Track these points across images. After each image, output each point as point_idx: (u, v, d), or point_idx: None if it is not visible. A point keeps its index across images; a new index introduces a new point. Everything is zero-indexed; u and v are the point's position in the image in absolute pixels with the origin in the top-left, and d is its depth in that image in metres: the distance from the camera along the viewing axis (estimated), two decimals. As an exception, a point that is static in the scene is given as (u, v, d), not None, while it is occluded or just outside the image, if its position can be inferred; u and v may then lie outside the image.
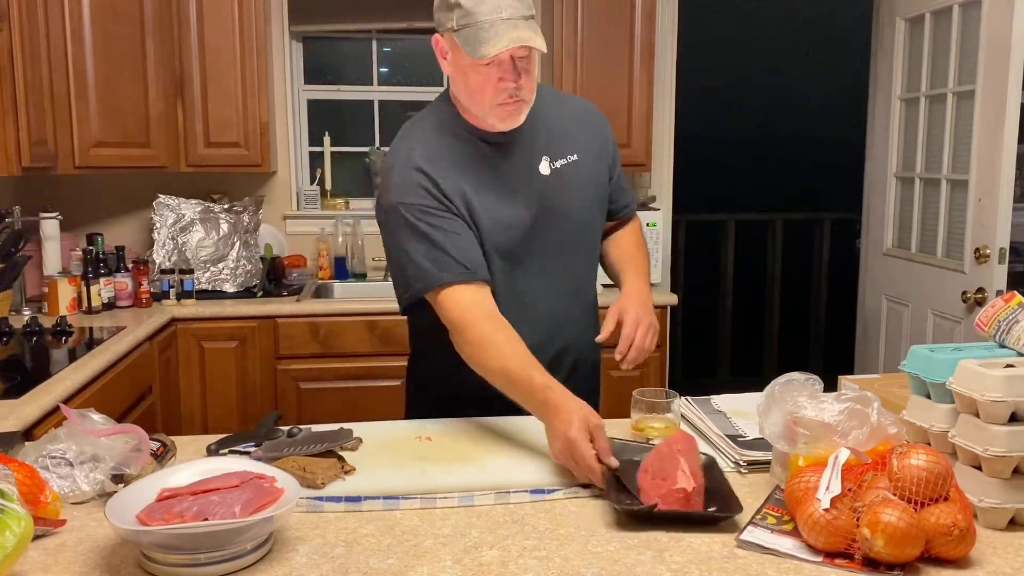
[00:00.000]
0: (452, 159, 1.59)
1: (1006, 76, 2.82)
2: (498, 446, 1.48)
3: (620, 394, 3.27)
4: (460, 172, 1.59)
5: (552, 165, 1.66)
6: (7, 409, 1.80)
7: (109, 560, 1.09)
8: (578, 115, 1.74)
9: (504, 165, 1.62)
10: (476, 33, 1.44)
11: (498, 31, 1.43)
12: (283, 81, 3.72)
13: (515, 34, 1.43)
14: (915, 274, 3.43)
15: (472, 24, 1.44)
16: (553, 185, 1.65)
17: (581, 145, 1.70)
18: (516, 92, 1.51)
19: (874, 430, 1.21)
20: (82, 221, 3.51)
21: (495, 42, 1.42)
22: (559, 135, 1.68)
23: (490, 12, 1.43)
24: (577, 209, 1.69)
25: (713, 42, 5.99)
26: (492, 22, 1.43)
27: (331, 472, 1.31)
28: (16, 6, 2.46)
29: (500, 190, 1.62)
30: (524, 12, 1.46)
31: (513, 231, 1.62)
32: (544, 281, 1.68)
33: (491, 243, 1.60)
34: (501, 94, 1.50)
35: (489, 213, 1.60)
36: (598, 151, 1.74)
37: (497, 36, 1.42)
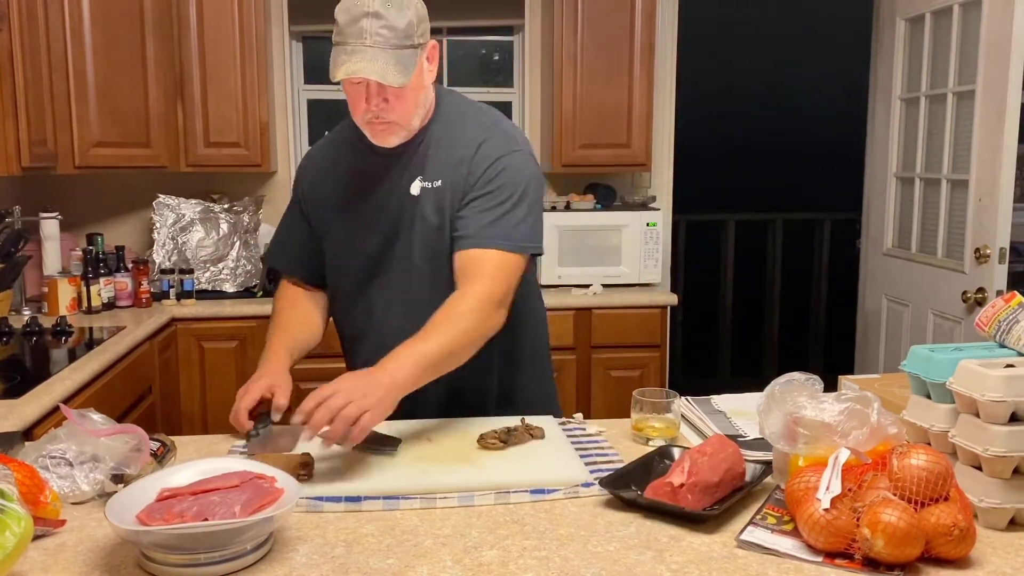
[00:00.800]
0: (328, 170, 1.73)
1: (1006, 76, 2.82)
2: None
3: (620, 394, 3.30)
4: (331, 184, 1.71)
5: (423, 185, 1.63)
6: (7, 409, 1.81)
7: (109, 560, 1.09)
8: (459, 140, 1.63)
9: (380, 181, 1.65)
10: (339, 53, 1.46)
11: (353, 57, 1.44)
12: (283, 81, 3.72)
13: (363, 64, 1.43)
14: (915, 274, 3.43)
15: (337, 43, 1.47)
16: (418, 206, 1.63)
17: (447, 174, 1.62)
18: (380, 115, 1.52)
19: (874, 430, 1.21)
20: (82, 221, 3.51)
21: (344, 68, 1.45)
22: (434, 158, 1.63)
23: (356, 36, 1.44)
24: (427, 236, 1.63)
25: (713, 42, 6.00)
26: (353, 47, 1.44)
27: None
28: (16, 6, 2.46)
29: (364, 206, 1.67)
30: (395, 42, 1.45)
31: (367, 247, 1.67)
32: (398, 298, 1.67)
33: (343, 256, 1.71)
34: (367, 114, 1.53)
35: (345, 227, 1.69)
36: (455, 181, 1.60)
37: (349, 62, 1.44)
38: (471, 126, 1.64)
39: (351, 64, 1.44)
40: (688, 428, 1.61)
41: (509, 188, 1.59)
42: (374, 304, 1.69)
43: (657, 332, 3.38)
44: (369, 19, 1.44)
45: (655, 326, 3.37)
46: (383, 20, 1.44)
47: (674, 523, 1.19)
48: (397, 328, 1.60)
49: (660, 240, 3.49)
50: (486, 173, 1.59)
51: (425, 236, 1.64)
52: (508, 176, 1.59)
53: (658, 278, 3.54)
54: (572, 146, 3.52)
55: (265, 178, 3.75)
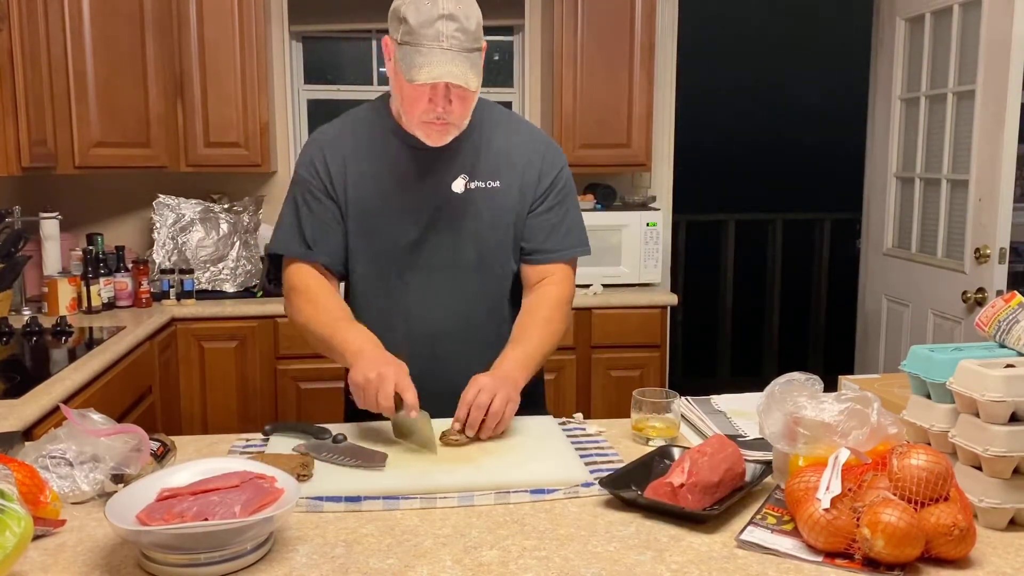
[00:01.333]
0: (358, 152, 1.67)
1: (1006, 76, 2.82)
2: (498, 446, 1.48)
3: (620, 394, 3.30)
4: (365, 168, 1.66)
5: (468, 185, 1.64)
6: (7, 409, 1.80)
7: (109, 560, 1.09)
8: (518, 144, 1.69)
9: (415, 172, 1.64)
10: (413, 55, 1.45)
11: (433, 60, 1.44)
12: (283, 81, 3.72)
13: (448, 69, 1.45)
14: (915, 274, 3.43)
15: (412, 44, 1.46)
16: (462, 205, 1.64)
17: (510, 174, 1.67)
18: (443, 116, 1.53)
19: (874, 430, 1.21)
20: (82, 221, 3.51)
21: (427, 71, 1.45)
22: (488, 157, 1.66)
23: (431, 39, 1.44)
24: (480, 234, 1.66)
25: (713, 42, 6.00)
26: (430, 49, 1.44)
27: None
28: (16, 6, 2.46)
29: (397, 196, 1.64)
30: (468, 44, 1.46)
31: (403, 239, 1.65)
32: (426, 295, 1.68)
33: (377, 245, 1.67)
34: (428, 114, 1.53)
35: (374, 216, 1.65)
36: (524, 185, 1.68)
37: (430, 65, 1.44)
38: (522, 131, 1.73)
39: (434, 68, 1.44)
40: (688, 428, 1.61)
41: (572, 196, 1.75)
42: (408, 296, 1.68)
43: (657, 332, 3.38)
44: (444, 21, 1.44)
45: (655, 326, 3.37)
46: (457, 23, 1.45)
47: (674, 523, 1.19)
48: (435, 321, 1.65)
49: (660, 240, 3.49)
50: (555, 181, 1.70)
51: (475, 234, 1.65)
52: (569, 184, 1.74)
53: (658, 278, 3.54)
54: (572, 146, 3.52)
55: (265, 178, 3.75)
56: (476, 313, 1.70)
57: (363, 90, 3.92)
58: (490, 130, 1.68)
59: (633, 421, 1.56)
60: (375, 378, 1.44)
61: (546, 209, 1.70)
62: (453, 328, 1.68)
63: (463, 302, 1.69)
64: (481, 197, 1.65)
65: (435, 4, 1.44)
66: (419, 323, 1.69)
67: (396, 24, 1.49)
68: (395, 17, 1.49)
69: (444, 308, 1.68)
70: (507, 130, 1.70)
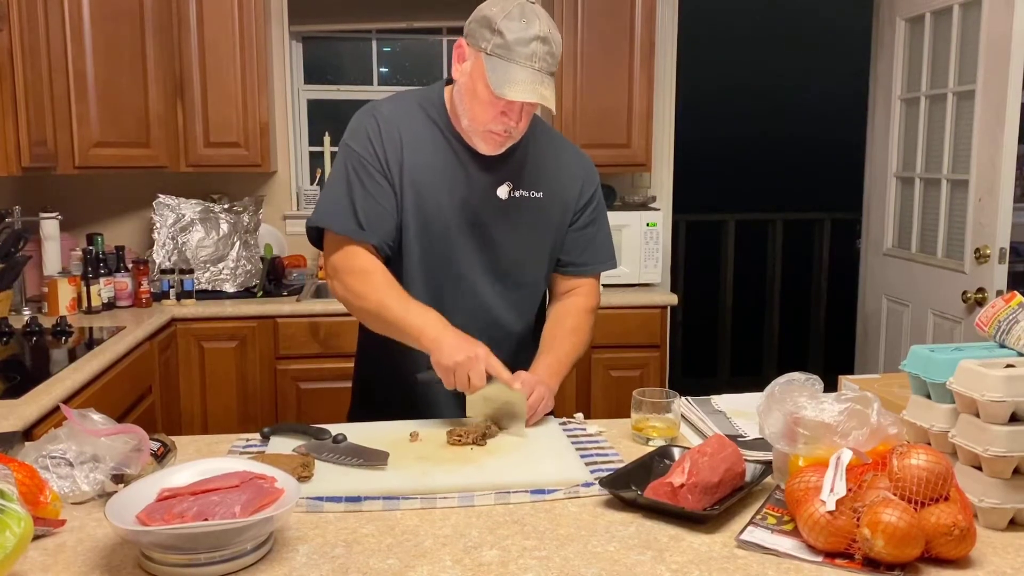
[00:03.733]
0: (413, 134, 1.64)
1: (1006, 76, 2.82)
2: (498, 446, 1.48)
3: (620, 394, 3.30)
4: (413, 150, 1.64)
5: (512, 193, 1.66)
6: (7, 409, 1.80)
7: (109, 560, 1.09)
8: (565, 160, 1.75)
9: (465, 173, 1.64)
10: (506, 70, 1.47)
11: (526, 78, 1.47)
12: (283, 81, 3.72)
13: (539, 90, 1.48)
14: (915, 274, 3.43)
15: (505, 58, 1.48)
16: (503, 211, 1.66)
17: (553, 187, 1.70)
18: (511, 130, 1.56)
19: (874, 430, 1.21)
20: (82, 221, 3.51)
21: (520, 89, 1.47)
22: (534, 168, 1.68)
23: (526, 58, 1.47)
24: (519, 243, 1.69)
25: (713, 42, 6.00)
26: (522, 67, 1.47)
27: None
28: (16, 6, 2.46)
29: (446, 193, 1.64)
30: (551, 67, 1.50)
31: (441, 235, 1.65)
32: (461, 296, 1.69)
33: (418, 236, 1.66)
34: (497, 125, 1.55)
35: (424, 208, 1.64)
36: (566, 199, 1.73)
37: (523, 84, 1.47)
38: (567, 147, 1.78)
39: (526, 87, 1.47)
40: (688, 428, 1.61)
41: (605, 212, 1.83)
42: (444, 295, 1.68)
43: (657, 332, 3.38)
44: (538, 43, 1.47)
45: (655, 326, 3.37)
46: (548, 47, 1.49)
47: (674, 523, 1.19)
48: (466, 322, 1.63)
49: (660, 240, 3.49)
50: (593, 197, 1.77)
51: (514, 241, 1.67)
52: (603, 201, 1.82)
53: (658, 278, 3.54)
54: (572, 146, 3.52)
55: (265, 178, 3.75)
56: (506, 317, 1.73)
57: (363, 90, 3.92)
58: (536, 142, 1.70)
59: (633, 421, 1.56)
60: (465, 360, 1.49)
61: (584, 224, 1.76)
62: (483, 330, 1.66)
63: (495, 306, 1.71)
64: (523, 205, 1.67)
65: (531, 25, 1.47)
66: (453, 319, 1.66)
67: (487, 34, 1.49)
68: (487, 26, 1.49)
69: (476, 310, 1.69)
70: (553, 144, 1.75)
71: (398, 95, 1.73)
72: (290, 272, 3.60)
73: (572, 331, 1.73)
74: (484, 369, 1.49)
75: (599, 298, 1.84)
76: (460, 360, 1.49)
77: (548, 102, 1.49)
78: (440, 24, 3.88)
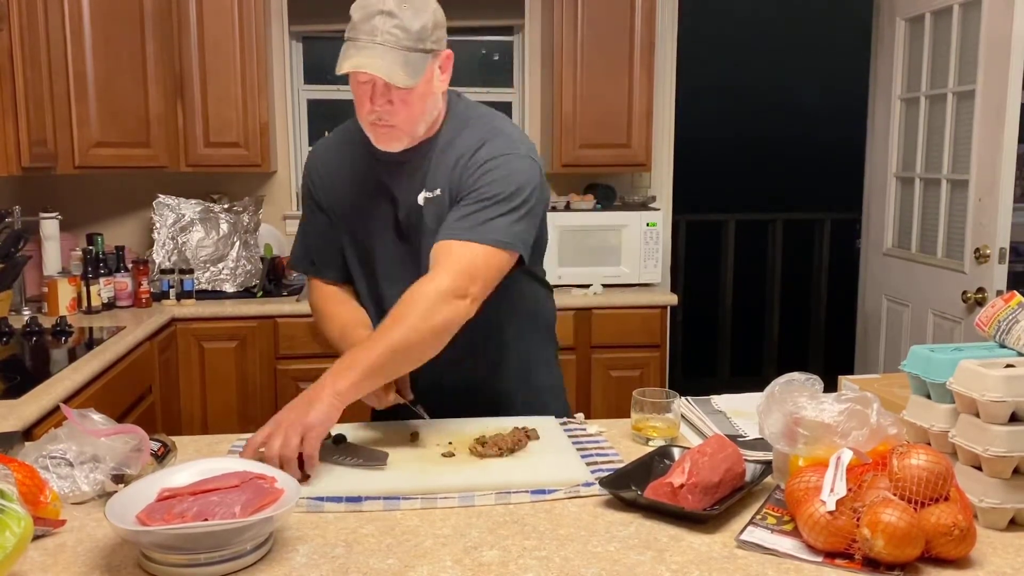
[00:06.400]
0: (336, 171, 1.69)
1: (1006, 76, 2.82)
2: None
3: (620, 394, 3.30)
4: (341, 185, 1.68)
5: (426, 195, 1.61)
6: (7, 409, 1.80)
7: (109, 560, 1.09)
8: (462, 147, 1.58)
9: (388, 189, 1.62)
10: (345, 48, 1.44)
11: (359, 52, 1.42)
12: (283, 81, 3.72)
13: (370, 60, 1.40)
14: (915, 274, 3.43)
15: (348, 39, 1.44)
16: (421, 217, 1.61)
17: (445, 178, 1.59)
18: (384, 117, 1.49)
19: (874, 430, 1.21)
20: (82, 221, 3.51)
21: (349, 62, 1.43)
22: (440, 166, 1.61)
23: (366, 33, 1.42)
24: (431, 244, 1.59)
25: (713, 42, 6.00)
26: (362, 43, 1.42)
27: None
28: (16, 6, 2.46)
29: (375, 212, 1.64)
30: (406, 43, 1.42)
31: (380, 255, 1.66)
32: None
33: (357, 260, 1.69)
34: (371, 115, 1.50)
35: (357, 232, 1.67)
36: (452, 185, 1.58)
37: (354, 56, 1.42)
38: (472, 132, 1.59)
39: (358, 58, 1.42)
40: (688, 428, 1.61)
41: (497, 187, 1.51)
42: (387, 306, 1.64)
43: (657, 332, 3.38)
44: (383, 17, 1.42)
45: (655, 326, 3.37)
46: (396, 19, 1.42)
47: (674, 523, 1.19)
48: None
49: (660, 240, 3.49)
50: (475, 173, 1.54)
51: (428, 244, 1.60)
52: (497, 175, 1.52)
53: (658, 278, 3.54)
54: (572, 146, 3.52)
55: (265, 178, 3.75)
56: None
57: (363, 90, 3.91)
58: (445, 137, 1.60)
59: (633, 421, 1.56)
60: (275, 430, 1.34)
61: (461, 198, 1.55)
62: None
63: None
64: (431, 207, 1.60)
65: (378, 0, 1.42)
66: None
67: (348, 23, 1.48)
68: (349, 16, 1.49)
69: None
70: (458, 133, 1.60)
71: (344, 125, 1.74)
72: (290, 272, 3.60)
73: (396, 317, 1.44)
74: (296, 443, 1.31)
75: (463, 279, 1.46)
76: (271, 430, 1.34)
77: (379, 71, 1.40)
78: (440, 24, 3.87)
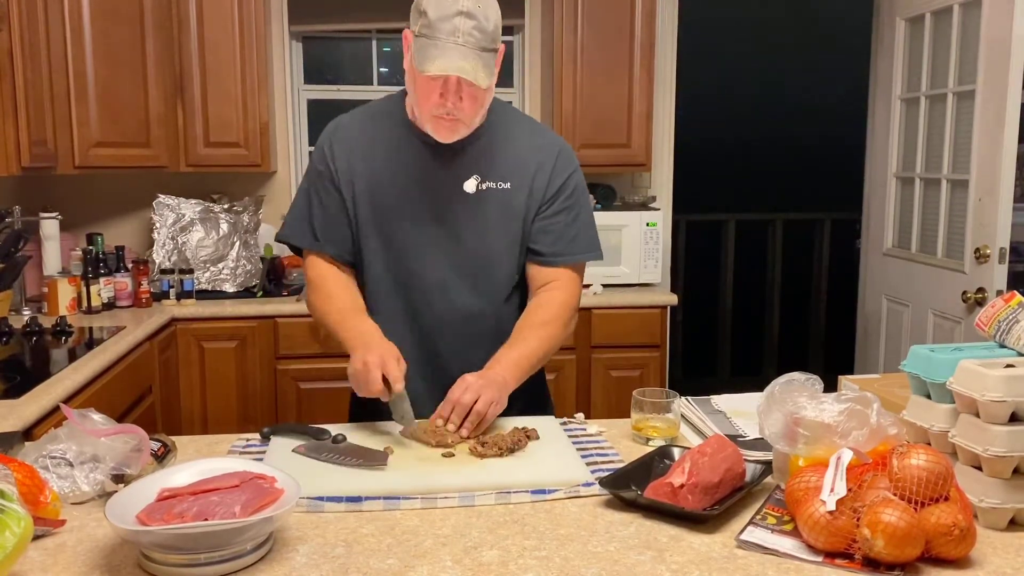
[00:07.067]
0: (369, 141, 1.68)
1: (1006, 76, 2.82)
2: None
3: (620, 394, 3.30)
4: (369, 157, 1.67)
5: (480, 186, 1.65)
6: (7, 409, 1.80)
7: (109, 560, 1.09)
8: (534, 146, 1.70)
9: (428, 170, 1.64)
10: (427, 47, 1.46)
11: (446, 53, 1.45)
12: (283, 81, 3.72)
13: (458, 63, 1.45)
14: (915, 274, 3.43)
15: (428, 36, 1.46)
16: (472, 205, 1.65)
17: (520, 176, 1.67)
18: (453, 112, 1.54)
19: (874, 430, 1.21)
20: (82, 221, 3.51)
21: (438, 63, 1.45)
22: (501, 158, 1.66)
23: (448, 33, 1.45)
24: (488, 234, 1.67)
25: (714, 42, 6.00)
26: (444, 43, 1.45)
27: None
28: (16, 6, 2.46)
29: (408, 193, 1.65)
30: (483, 43, 1.47)
31: (407, 236, 1.66)
32: (432, 293, 1.68)
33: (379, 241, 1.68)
34: (439, 109, 1.53)
35: (385, 212, 1.66)
36: (534, 188, 1.68)
37: (443, 58, 1.45)
38: (537, 134, 1.73)
39: (445, 60, 1.45)
40: (688, 428, 1.61)
41: (583, 201, 1.73)
42: (415, 293, 1.69)
43: (657, 332, 3.38)
44: (462, 18, 1.45)
45: (655, 326, 3.37)
46: (475, 20, 1.45)
47: (674, 523, 1.19)
48: (439, 318, 1.67)
49: (660, 240, 3.49)
50: (565, 185, 1.70)
51: (484, 235, 1.66)
52: (580, 189, 1.73)
53: (658, 278, 3.54)
54: (572, 146, 3.50)
55: (265, 178, 3.75)
56: (480, 312, 1.71)
57: (363, 90, 3.91)
58: (505, 131, 1.68)
59: (633, 421, 1.56)
60: (361, 368, 1.48)
61: (554, 213, 1.69)
62: (457, 326, 1.70)
63: (468, 301, 1.69)
64: (492, 198, 1.66)
65: (455, 0, 1.45)
66: (424, 319, 1.70)
67: (416, 16, 1.50)
68: (416, 10, 1.50)
69: (449, 306, 1.69)
70: (522, 132, 1.71)
71: (365, 105, 1.76)
72: (290, 272, 3.60)
73: (541, 325, 1.66)
74: (378, 374, 1.46)
75: (578, 291, 1.73)
76: (358, 368, 1.49)
77: (468, 74, 1.45)
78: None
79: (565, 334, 1.71)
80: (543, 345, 1.65)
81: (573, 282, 1.73)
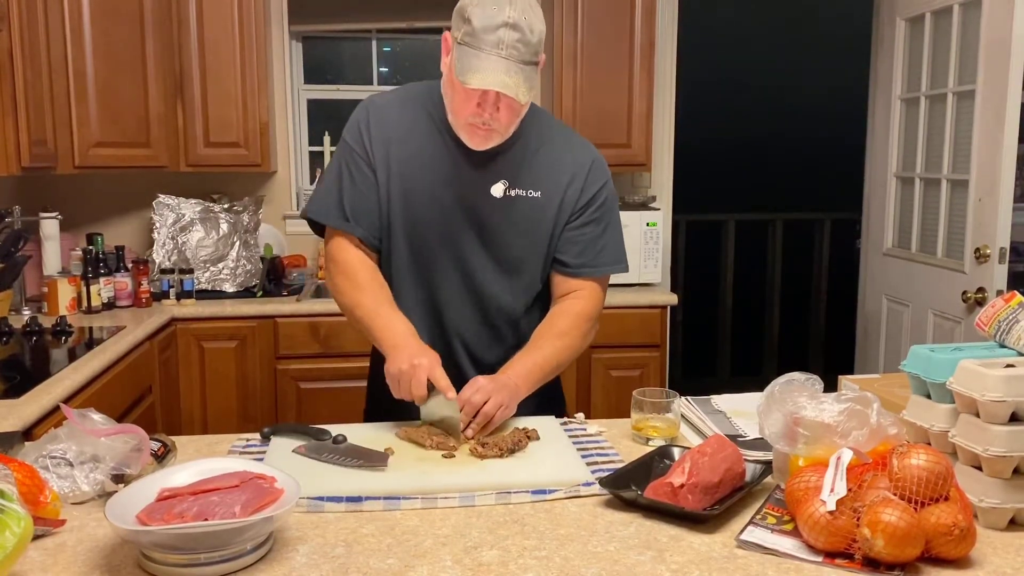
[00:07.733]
0: (404, 126, 1.64)
1: (1006, 76, 2.82)
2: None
3: (620, 394, 3.29)
4: (403, 142, 1.64)
5: (508, 191, 1.63)
6: (7, 409, 1.80)
7: (109, 560, 1.09)
8: (568, 157, 1.69)
9: (457, 169, 1.63)
10: (470, 57, 1.44)
11: (489, 66, 1.43)
12: (283, 81, 3.72)
13: (500, 77, 1.43)
14: (915, 274, 3.43)
15: (471, 46, 1.44)
16: (498, 209, 1.64)
17: (551, 186, 1.66)
18: (489, 122, 1.52)
19: (874, 430, 1.21)
20: (82, 221, 3.51)
21: (480, 76, 1.43)
22: (533, 166, 1.65)
23: (492, 45, 1.43)
24: (513, 240, 1.66)
25: (713, 42, 6.00)
26: (488, 55, 1.43)
27: None
28: (16, 6, 2.46)
29: (437, 187, 1.63)
30: (527, 56, 1.45)
31: (432, 230, 1.64)
32: (452, 292, 1.68)
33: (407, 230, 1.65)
34: (475, 118, 1.52)
35: (414, 201, 1.64)
36: (565, 198, 1.67)
37: (485, 71, 1.43)
38: (573, 144, 1.72)
39: (487, 75, 1.43)
40: (688, 428, 1.61)
41: (612, 212, 1.74)
42: (435, 291, 1.68)
43: (657, 332, 3.38)
44: (507, 30, 1.42)
45: (655, 326, 3.37)
46: (519, 33, 1.43)
47: (674, 523, 1.19)
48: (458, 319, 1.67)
49: (660, 240, 3.49)
50: (595, 197, 1.69)
51: (508, 240, 1.65)
52: (610, 202, 1.74)
53: (658, 278, 3.54)
54: (572, 146, 3.52)
55: (265, 178, 3.75)
56: (499, 316, 1.71)
57: (363, 90, 3.91)
58: (538, 139, 1.66)
59: (633, 421, 1.56)
60: (408, 368, 1.48)
61: (583, 224, 1.69)
62: (476, 328, 1.70)
63: (488, 304, 1.69)
64: (520, 205, 1.64)
65: (501, 10, 1.42)
66: (443, 319, 1.69)
67: (459, 22, 1.47)
68: (459, 15, 1.47)
69: (468, 307, 1.69)
70: (557, 141, 1.69)
71: (403, 87, 1.73)
72: (290, 272, 3.60)
73: (560, 334, 1.66)
74: (424, 378, 1.47)
75: (599, 303, 1.74)
76: (404, 369, 1.48)
77: (510, 90, 1.43)
78: (440, 24, 3.87)
79: (583, 345, 1.71)
80: (559, 355, 1.65)
81: (596, 294, 1.73)
